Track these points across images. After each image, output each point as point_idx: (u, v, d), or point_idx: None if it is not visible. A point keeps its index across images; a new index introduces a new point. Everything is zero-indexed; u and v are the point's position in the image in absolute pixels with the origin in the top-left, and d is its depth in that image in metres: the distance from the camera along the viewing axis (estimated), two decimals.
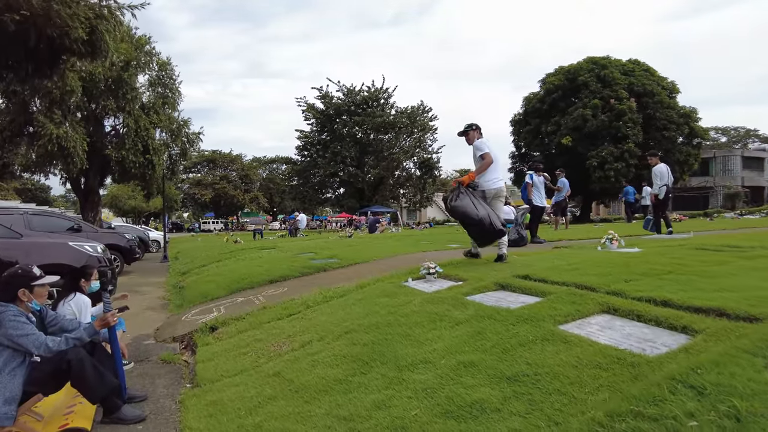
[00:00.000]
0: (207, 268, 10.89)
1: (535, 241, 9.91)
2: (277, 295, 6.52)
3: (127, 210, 46.45)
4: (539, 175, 10.48)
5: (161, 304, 8.25)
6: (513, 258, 6.55)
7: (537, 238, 10.04)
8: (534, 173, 10.32)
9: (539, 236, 10.21)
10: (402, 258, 8.38)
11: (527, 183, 10.21)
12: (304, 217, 25.59)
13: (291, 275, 7.76)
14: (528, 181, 10.20)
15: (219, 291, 7.49)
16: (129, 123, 13.75)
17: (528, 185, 10.18)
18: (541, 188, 10.30)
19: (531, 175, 10.24)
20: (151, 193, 18.31)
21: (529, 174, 10.31)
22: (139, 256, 13.72)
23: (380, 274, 6.58)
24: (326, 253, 9.60)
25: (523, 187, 10.56)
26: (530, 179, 10.17)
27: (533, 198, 10.09)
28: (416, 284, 5.16)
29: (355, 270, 7.63)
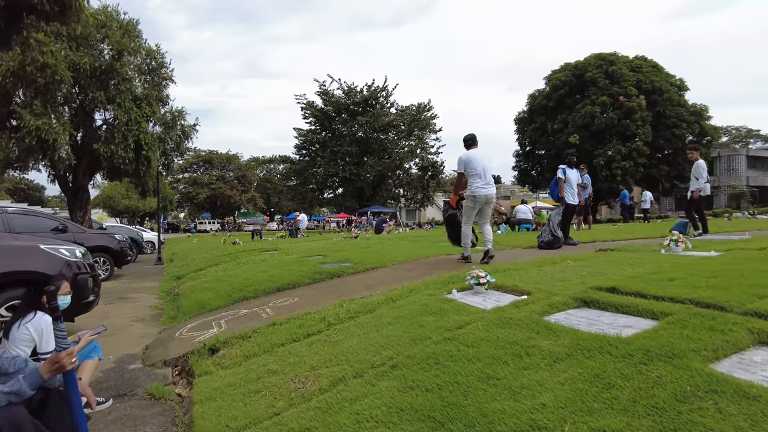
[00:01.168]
0: (204, 273, 9.90)
1: (568, 243, 9.00)
2: (287, 307, 5.55)
3: (122, 210, 45.24)
4: (576, 170, 9.52)
5: (153, 314, 7.27)
6: (565, 262, 5.62)
7: (570, 239, 9.13)
8: (567, 167, 9.36)
9: (571, 237, 9.29)
10: (424, 262, 7.43)
11: (558, 178, 9.24)
12: (304, 218, 24.59)
13: (301, 282, 6.79)
14: (560, 176, 9.23)
15: (218, 300, 6.51)
16: (119, 116, 12.73)
17: (560, 180, 9.21)
18: (574, 184, 9.37)
19: (564, 170, 9.26)
20: (146, 190, 17.26)
21: (561, 168, 9.32)
22: (130, 259, 12.72)
23: (408, 282, 5.63)
24: (337, 256, 8.63)
25: (554, 182, 9.58)
26: (562, 174, 9.20)
27: (566, 195, 9.14)
28: (464, 297, 4.20)
29: (375, 276, 6.67)
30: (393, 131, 45.75)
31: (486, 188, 6.70)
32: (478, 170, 6.68)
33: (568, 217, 9.29)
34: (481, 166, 6.69)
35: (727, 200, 49.18)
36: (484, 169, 6.72)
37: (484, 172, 6.73)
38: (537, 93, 36.35)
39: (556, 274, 4.72)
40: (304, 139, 46.66)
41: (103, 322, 6.73)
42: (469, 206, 6.86)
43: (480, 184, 6.67)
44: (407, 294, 4.74)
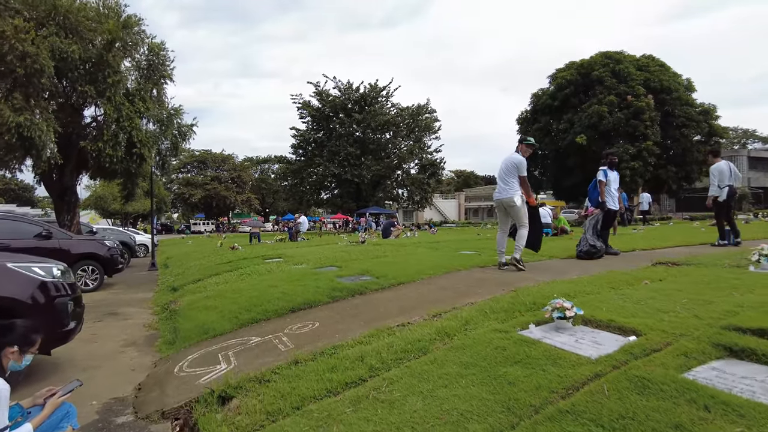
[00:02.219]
0: (204, 285, 8.94)
1: (609, 252, 8.16)
2: (308, 336, 4.64)
3: (114, 212, 44.03)
4: (617, 172, 8.69)
5: (147, 336, 6.33)
6: (641, 282, 4.75)
7: (610, 248, 8.29)
8: (609, 169, 8.49)
9: (611, 246, 8.44)
10: (457, 276, 6.53)
11: (599, 181, 8.37)
12: (305, 220, 23.64)
13: (318, 301, 5.88)
14: (600, 178, 8.35)
15: (223, 323, 5.58)
16: (109, 111, 11.72)
17: (600, 184, 8.33)
18: (614, 187, 8.51)
19: (605, 172, 8.38)
20: (132, 193, 16.23)
21: (602, 170, 8.45)
22: (122, 267, 11.75)
23: (449, 303, 4.77)
24: (354, 267, 7.72)
25: (592, 185, 8.70)
26: (604, 176, 8.33)
27: (606, 200, 8.27)
28: (548, 336, 3.30)
29: (405, 294, 5.76)
30: (391, 131, 44.91)
31: (496, 193, 6.98)
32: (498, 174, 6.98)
33: (607, 224, 8.45)
34: (499, 170, 6.95)
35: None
36: (499, 173, 6.94)
37: (499, 177, 6.95)
38: (541, 92, 35.56)
39: (646, 301, 3.84)
40: (301, 138, 45.75)
41: (89, 346, 5.82)
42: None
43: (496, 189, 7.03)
44: (463, 326, 3.84)
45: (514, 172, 6.71)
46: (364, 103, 43.65)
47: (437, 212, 70.20)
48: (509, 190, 6.71)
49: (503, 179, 6.78)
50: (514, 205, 6.69)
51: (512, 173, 6.72)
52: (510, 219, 7.01)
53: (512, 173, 6.72)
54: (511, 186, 6.71)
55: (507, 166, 6.77)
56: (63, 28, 11.26)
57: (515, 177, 6.71)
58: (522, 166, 6.72)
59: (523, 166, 6.73)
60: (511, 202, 6.72)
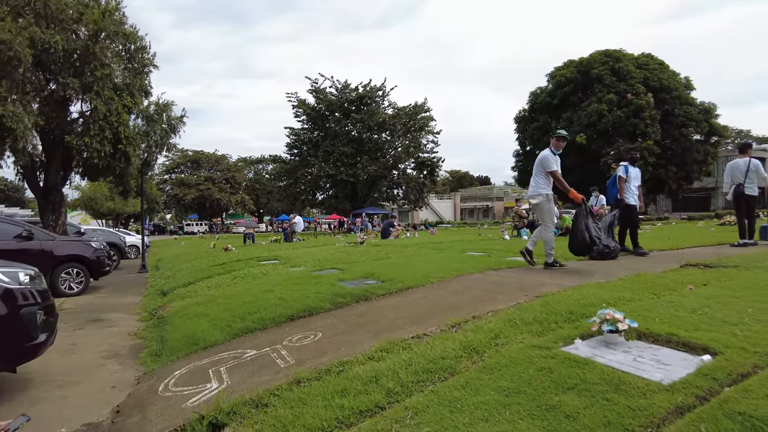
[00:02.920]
0: (195, 289, 8.39)
1: (638, 253, 7.70)
2: (310, 349, 4.12)
3: (105, 212, 43.20)
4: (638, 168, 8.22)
5: (131, 346, 5.78)
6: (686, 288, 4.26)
7: (639, 248, 7.84)
8: (630, 164, 8.05)
9: (641, 246, 7.96)
10: (471, 280, 6.02)
11: (618, 177, 7.93)
12: (300, 220, 23.05)
13: (320, 308, 5.35)
14: (620, 174, 7.92)
15: (215, 333, 5.04)
16: (99, 106, 11.12)
17: (619, 180, 7.90)
18: (634, 183, 8.04)
19: (625, 168, 7.96)
20: (126, 190, 15.56)
21: (623, 166, 8.02)
22: (109, 269, 11.17)
23: (470, 311, 4.28)
24: (356, 270, 7.20)
25: (611, 182, 8.27)
26: (624, 172, 7.90)
27: (626, 196, 7.82)
28: (600, 354, 2.80)
29: (415, 301, 5.25)
30: (388, 130, 44.42)
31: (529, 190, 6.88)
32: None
33: (630, 221, 8.00)
34: (535, 166, 6.73)
35: (725, 201, 48.50)
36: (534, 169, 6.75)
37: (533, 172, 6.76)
38: (539, 91, 35.20)
39: (703, 310, 3.35)
40: (296, 138, 45.19)
41: (67, 358, 5.26)
42: None
43: None
44: (493, 340, 3.34)
45: (540, 169, 6.54)
46: (360, 103, 43.15)
47: (433, 212, 69.80)
48: (535, 187, 6.60)
49: (533, 176, 6.69)
50: (537, 203, 6.59)
51: (539, 170, 6.56)
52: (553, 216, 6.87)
53: (539, 170, 6.56)
54: (537, 183, 6.58)
55: (536, 162, 6.68)
56: (44, 17, 10.63)
57: (542, 174, 6.52)
58: (546, 162, 6.48)
59: (548, 161, 6.45)
60: (532, 200, 6.66)
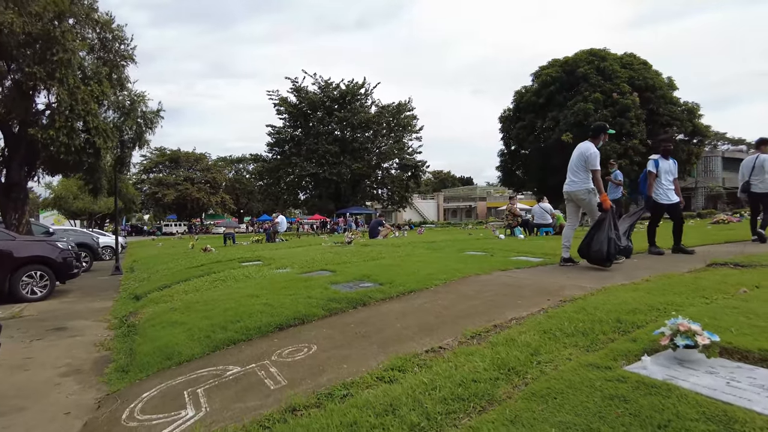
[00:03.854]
0: (171, 293, 7.66)
1: (653, 252, 7.20)
2: (305, 365, 3.49)
3: (77, 212, 41.57)
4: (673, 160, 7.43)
5: (95, 359, 5.05)
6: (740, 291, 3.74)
7: (654, 247, 7.32)
8: (661, 158, 7.36)
9: (657, 245, 7.43)
10: (478, 282, 5.44)
11: (648, 172, 7.27)
12: (283, 220, 22.26)
13: (312, 315, 4.71)
14: (650, 169, 7.24)
15: (192, 345, 4.36)
16: (62, 95, 10.26)
17: (649, 175, 7.24)
18: (666, 178, 7.23)
19: (655, 162, 7.21)
20: (97, 188, 14.60)
21: (652, 160, 7.33)
22: (77, 272, 10.33)
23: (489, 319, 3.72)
24: (350, 272, 6.57)
25: (642, 177, 7.58)
26: (653, 167, 7.19)
27: (655, 193, 7.19)
28: (680, 376, 2.23)
29: (422, 306, 4.64)
30: (372, 129, 43.80)
31: (565, 185, 6.51)
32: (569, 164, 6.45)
33: (655, 220, 7.47)
34: (570, 160, 6.42)
35: (705, 201, 49.20)
36: (570, 164, 6.43)
37: (569, 167, 6.44)
38: (524, 90, 34.95)
39: None
40: (278, 136, 44.25)
41: (17, 376, 4.53)
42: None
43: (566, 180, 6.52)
44: (532, 357, 2.75)
45: (582, 164, 6.20)
46: (343, 101, 42.46)
47: (416, 213, 69.42)
48: (579, 182, 6.23)
49: (572, 170, 6.31)
50: (585, 198, 6.25)
51: (580, 165, 6.22)
52: (580, 212, 6.66)
53: (580, 165, 6.22)
54: (581, 178, 6.23)
55: (577, 156, 6.28)
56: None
57: (584, 169, 6.19)
58: (594, 158, 6.09)
59: (595, 158, 6.09)
60: (580, 195, 6.29)
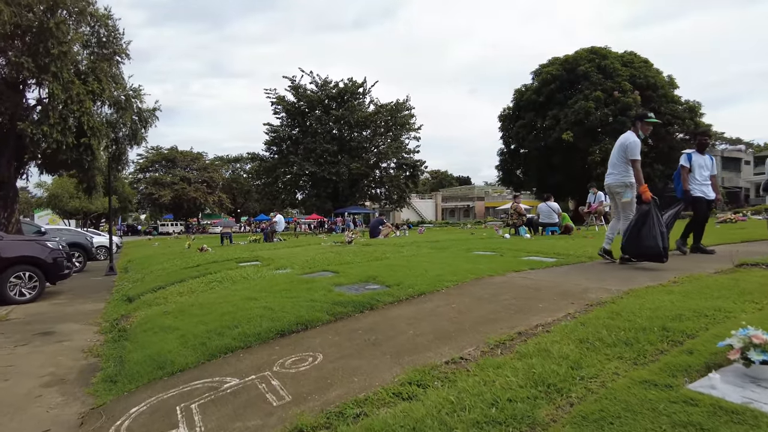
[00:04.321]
0: (165, 294, 7.30)
1: (701, 250, 6.81)
2: (310, 377, 3.15)
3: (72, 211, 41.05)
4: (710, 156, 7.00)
5: (82, 368, 4.70)
6: None
7: (701, 246, 6.91)
8: (696, 152, 6.92)
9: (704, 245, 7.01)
10: (498, 285, 5.08)
11: (681, 167, 6.88)
12: (281, 219, 21.86)
13: (316, 319, 4.37)
14: (682, 163, 6.84)
15: (186, 353, 4.01)
16: (56, 91, 9.89)
17: (682, 170, 6.84)
18: (701, 173, 6.79)
19: (688, 156, 6.79)
20: (91, 187, 14.19)
21: (685, 154, 6.93)
22: (69, 272, 9.95)
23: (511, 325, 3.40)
24: (354, 273, 6.22)
25: (677, 173, 7.15)
26: (686, 161, 6.79)
27: (691, 188, 6.76)
28: (761, 399, 1.90)
29: (434, 310, 4.30)
30: (370, 128, 43.46)
31: (606, 176, 6.26)
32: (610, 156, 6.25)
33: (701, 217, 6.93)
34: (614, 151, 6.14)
35: None
36: (611, 155, 6.20)
37: (610, 159, 6.21)
38: (524, 88, 34.65)
39: None
40: (275, 135, 43.85)
41: None
42: None
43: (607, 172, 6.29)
44: (574, 371, 2.41)
45: (622, 156, 5.95)
46: (341, 100, 42.10)
47: (414, 212, 69.11)
48: (617, 175, 6.02)
49: (612, 162, 6.10)
50: (620, 192, 6.03)
51: (621, 157, 5.97)
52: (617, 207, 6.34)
53: (621, 157, 5.97)
54: (619, 171, 6.00)
55: (617, 147, 6.06)
56: None
57: (623, 161, 5.94)
58: (633, 148, 5.80)
59: (635, 148, 5.80)
60: (616, 188, 6.08)
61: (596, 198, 14.66)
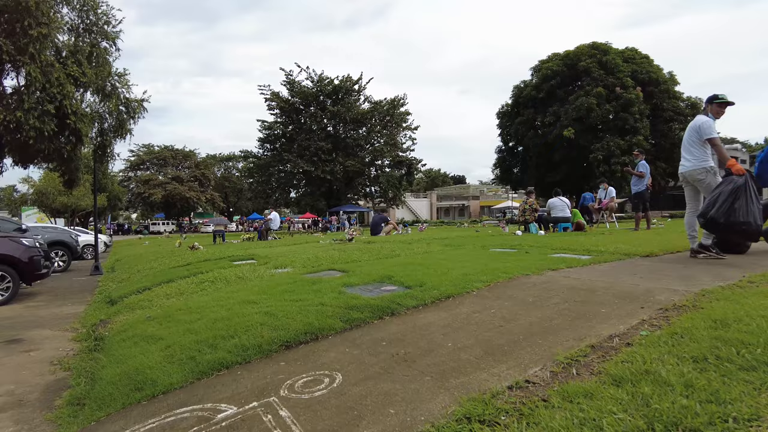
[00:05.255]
0: (150, 295, 6.54)
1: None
2: (330, 405, 2.43)
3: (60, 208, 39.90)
4: None
5: (47, 386, 3.94)
6: None
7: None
8: None
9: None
10: (539, 286, 4.38)
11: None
12: (276, 216, 21.04)
13: (328, 327, 3.64)
14: None
15: (171, 371, 3.27)
16: (34, 73, 9.08)
17: None
18: None
19: None
20: (72, 180, 13.30)
21: None
22: (47, 272, 9.16)
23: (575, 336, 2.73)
24: (366, 272, 5.49)
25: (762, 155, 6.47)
26: None
27: None
28: None
29: (471, 316, 3.59)
30: (366, 125, 42.72)
31: (680, 167, 5.80)
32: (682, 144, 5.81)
33: None
34: (685, 137, 5.71)
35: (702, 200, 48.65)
36: (683, 143, 5.77)
37: (682, 147, 5.78)
38: (523, 84, 34.06)
39: None
40: (269, 132, 43.01)
41: None
42: None
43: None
44: (712, 407, 1.70)
45: (696, 138, 5.49)
46: (337, 97, 41.31)
47: (409, 211, 68.43)
48: (695, 160, 5.51)
49: (686, 149, 5.66)
50: (703, 178, 5.45)
51: (694, 140, 5.53)
52: (701, 196, 5.75)
53: (694, 140, 5.53)
54: (696, 156, 5.51)
55: (689, 132, 5.63)
56: None
57: (698, 144, 5.48)
58: (706, 127, 5.40)
59: (709, 127, 5.40)
60: (697, 175, 5.52)
61: (607, 194, 14.05)
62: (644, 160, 11.18)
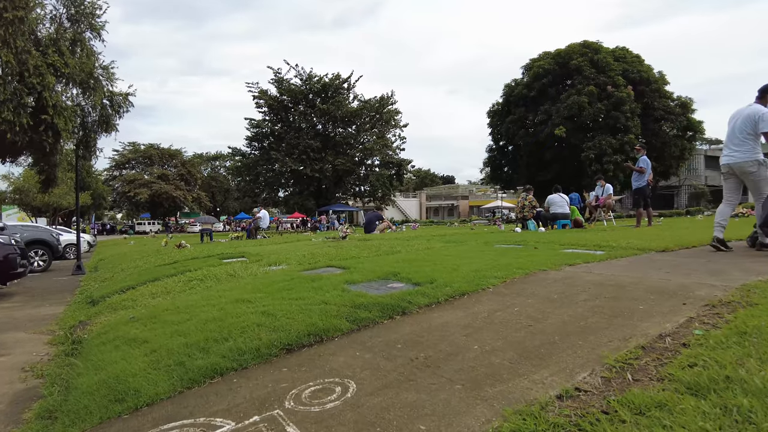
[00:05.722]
0: (135, 294, 6.11)
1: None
2: (344, 422, 2.06)
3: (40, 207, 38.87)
4: None
5: (15, 395, 3.52)
6: None
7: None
8: None
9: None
10: (560, 282, 4.05)
11: None
12: (266, 215, 20.54)
13: (333, 328, 3.28)
14: None
15: (157, 379, 2.87)
16: (8, 59, 8.55)
17: None
18: None
19: None
20: (50, 178, 12.67)
21: None
22: (23, 271, 8.67)
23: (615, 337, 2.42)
24: (368, 269, 5.12)
25: None
26: None
27: None
28: None
29: (492, 316, 3.24)
30: (355, 123, 42.32)
31: (723, 157, 5.46)
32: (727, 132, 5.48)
33: None
34: (729, 127, 5.43)
35: (688, 200, 49.05)
36: (729, 132, 5.42)
37: (728, 137, 5.45)
38: (514, 83, 33.91)
39: None
40: (258, 130, 42.40)
41: None
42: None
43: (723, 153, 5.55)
44: None
45: (750, 129, 5.13)
46: (326, 94, 40.84)
47: (399, 211, 68.10)
48: (745, 152, 5.15)
49: (735, 139, 5.26)
50: (753, 170, 5.14)
51: (748, 131, 5.15)
52: (740, 190, 5.53)
53: (748, 131, 5.15)
54: (747, 147, 5.16)
55: (742, 121, 5.21)
56: None
57: (753, 136, 5.13)
58: (767, 118, 5.02)
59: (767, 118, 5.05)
60: (747, 167, 5.18)
61: (605, 191, 13.83)
62: (645, 155, 10.95)
